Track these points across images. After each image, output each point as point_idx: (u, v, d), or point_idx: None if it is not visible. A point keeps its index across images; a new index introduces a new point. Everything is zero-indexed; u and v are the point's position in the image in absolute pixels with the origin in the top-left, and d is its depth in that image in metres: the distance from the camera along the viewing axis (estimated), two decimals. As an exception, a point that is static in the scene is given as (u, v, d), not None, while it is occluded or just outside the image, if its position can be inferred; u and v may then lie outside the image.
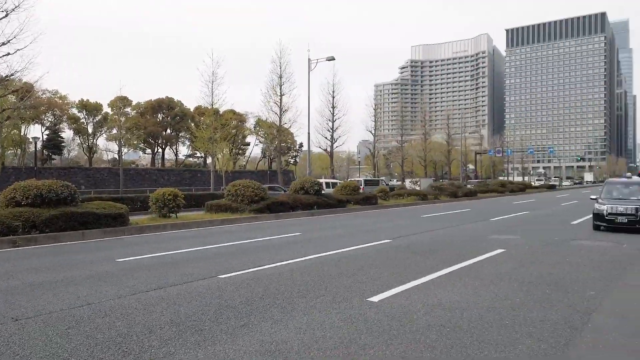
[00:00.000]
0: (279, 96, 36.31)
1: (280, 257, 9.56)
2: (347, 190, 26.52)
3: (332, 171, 45.26)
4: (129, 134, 59.02)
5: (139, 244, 11.85)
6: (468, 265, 8.58)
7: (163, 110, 70.20)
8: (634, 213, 13.38)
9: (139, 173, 57.68)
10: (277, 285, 7.00)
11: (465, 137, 74.31)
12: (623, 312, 5.61)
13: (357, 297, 6.26)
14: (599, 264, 8.74)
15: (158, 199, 17.13)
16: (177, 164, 75.14)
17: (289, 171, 76.36)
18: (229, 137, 48.30)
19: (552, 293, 6.49)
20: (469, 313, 5.51)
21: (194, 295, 6.40)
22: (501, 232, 13.98)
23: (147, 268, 8.42)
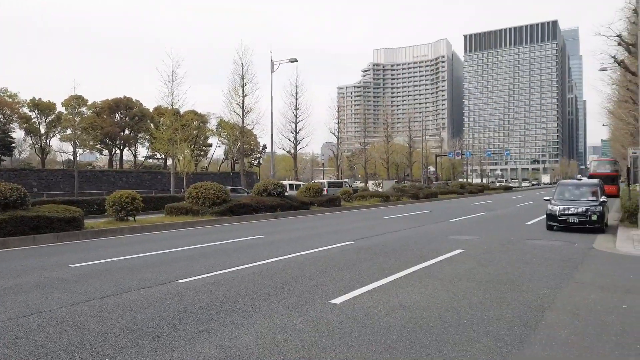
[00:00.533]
0: (242, 97, 35.96)
1: (242, 260, 9.44)
2: (310, 192, 26.53)
3: (296, 173, 45.17)
4: (85, 135, 57.01)
5: (95, 249, 11.43)
6: (428, 266, 8.73)
7: (121, 110, 68.19)
8: (585, 213, 13.98)
9: (96, 175, 55.76)
10: (239, 289, 6.90)
11: (426, 139, 75.83)
12: (574, 309, 5.83)
13: (320, 299, 6.25)
14: (552, 263, 9.07)
15: (115, 201, 16.60)
16: (136, 166, 73.15)
17: (253, 173, 75.73)
18: (190, 138, 47.34)
19: (508, 292, 6.68)
20: (428, 313, 5.60)
21: (152, 300, 6.22)
22: (460, 233, 14.31)
23: (102, 274, 8.13)
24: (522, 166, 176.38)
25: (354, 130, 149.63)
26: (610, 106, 40.75)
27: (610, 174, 38.63)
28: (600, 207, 14.08)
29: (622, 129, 39.37)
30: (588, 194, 14.99)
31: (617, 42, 17.90)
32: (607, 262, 9.31)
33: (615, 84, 33.63)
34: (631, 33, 22.05)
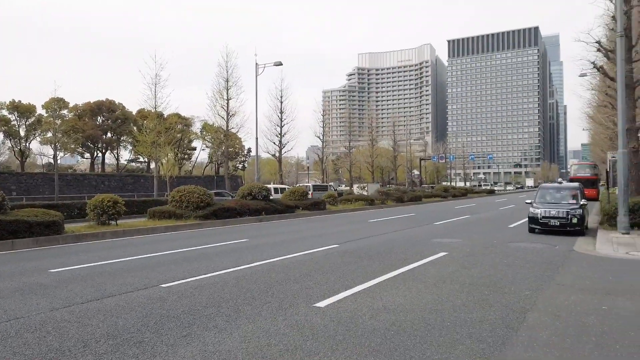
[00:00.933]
0: (226, 100, 35.82)
1: (226, 264, 9.37)
2: (295, 195, 26.49)
3: (281, 177, 45.08)
4: (66, 138, 56.10)
5: (75, 254, 11.24)
6: (412, 269, 8.77)
7: (103, 112, 67.31)
8: (565, 216, 14.20)
9: (77, 179, 54.90)
10: (222, 293, 6.84)
11: (411, 143, 76.37)
12: (555, 310, 5.91)
13: (304, 302, 6.23)
14: (533, 265, 9.19)
15: (97, 205, 16.36)
16: (118, 169, 72.24)
17: (237, 177, 75.35)
18: (174, 141, 46.98)
19: (491, 294, 6.74)
20: (412, 315, 5.62)
21: (134, 305, 6.13)
22: (444, 236, 14.42)
23: (83, 278, 7.99)
24: (504, 170, 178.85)
25: (339, 133, 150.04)
26: (590, 111, 41.62)
27: (590, 177, 39.33)
28: (581, 210, 14.33)
29: (601, 133, 40.20)
30: (569, 197, 15.24)
31: (597, 49, 18.26)
32: (587, 264, 9.46)
33: (594, 89, 34.36)
34: (610, 39, 22.54)
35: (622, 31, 13.98)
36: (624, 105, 14.02)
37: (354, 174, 62.30)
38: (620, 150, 13.83)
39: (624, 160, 13.76)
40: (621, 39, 13.93)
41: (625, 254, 10.52)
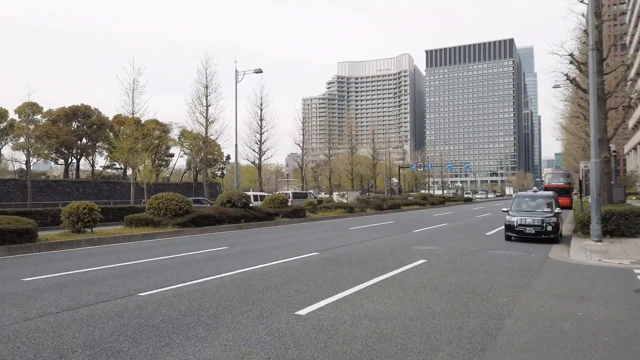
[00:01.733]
0: (205, 107, 35.58)
1: (205, 272, 9.27)
2: (275, 203, 26.39)
3: (260, 184, 44.88)
4: (39, 143, 54.83)
5: (49, 262, 10.97)
6: (393, 276, 8.83)
7: (78, 118, 66.04)
8: (541, 224, 14.50)
9: (50, 185, 53.63)
10: (202, 301, 6.76)
11: (390, 151, 77.02)
12: (532, 316, 6.02)
13: (285, 310, 6.20)
14: (510, 272, 9.35)
15: (71, 212, 16.01)
16: (93, 176, 70.85)
17: (216, 184, 74.69)
18: (152, 147, 46.32)
19: (470, 301, 6.83)
20: (393, 323, 5.65)
21: (111, 315, 6.01)
22: (423, 243, 14.56)
23: (57, 287, 7.80)
24: (481, 178, 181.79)
25: (319, 141, 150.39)
26: (563, 121, 42.74)
27: (563, 186, 40.24)
28: (555, 218, 14.65)
29: (574, 143, 41.30)
30: (543, 206, 15.58)
31: (570, 61, 18.81)
32: (562, 271, 9.67)
33: (568, 100, 35.33)
34: (582, 52, 23.26)
35: (594, 44, 14.44)
36: (596, 116, 14.44)
37: (333, 181, 62.43)
38: (593, 160, 14.21)
39: (596, 170, 14.14)
40: (593, 52, 14.38)
41: (598, 261, 10.79)
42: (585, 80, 18.54)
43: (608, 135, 17.47)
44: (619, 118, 22.04)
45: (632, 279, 8.63)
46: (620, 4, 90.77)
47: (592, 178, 14.17)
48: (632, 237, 14.49)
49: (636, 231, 14.70)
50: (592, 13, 14.84)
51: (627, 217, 14.81)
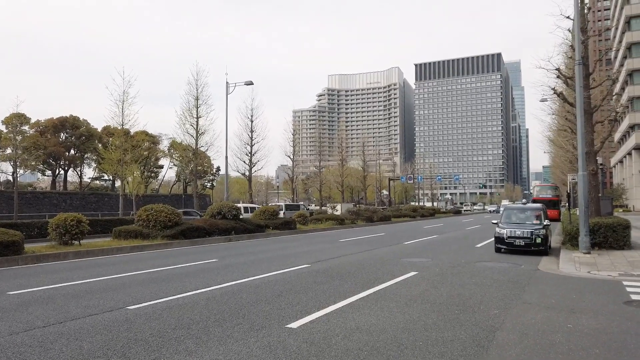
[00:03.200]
0: (196, 118, 35.49)
1: (195, 285, 9.18)
2: (266, 215, 26.30)
3: (251, 196, 44.73)
4: (26, 154, 54.24)
5: (36, 275, 10.79)
6: (384, 288, 8.81)
7: (67, 129, 65.51)
8: (530, 236, 14.60)
9: (37, 197, 52.96)
10: (192, 314, 6.69)
11: (380, 163, 77.30)
12: (523, 329, 6.03)
13: (276, 323, 6.15)
14: (500, 284, 9.38)
15: (59, 224, 15.79)
16: (81, 187, 70.13)
17: (206, 195, 74.31)
18: (141, 159, 46.05)
19: (461, 313, 6.83)
20: (385, 335, 5.63)
21: (99, 328, 5.91)
22: (414, 255, 14.57)
23: (44, 301, 7.67)
24: (470, 191, 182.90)
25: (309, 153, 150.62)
26: (550, 134, 43.30)
27: (552, 198, 40.64)
28: (544, 231, 14.76)
29: (562, 156, 41.78)
30: (533, 218, 15.69)
31: (556, 75, 19.12)
32: (551, 283, 9.72)
33: (555, 113, 35.84)
34: (568, 67, 23.68)
35: (580, 59, 14.70)
36: (583, 129, 14.65)
37: (324, 193, 62.42)
38: (581, 172, 14.38)
39: (584, 182, 14.30)
40: (579, 67, 14.64)
41: (587, 273, 10.87)
42: (572, 94, 18.83)
43: (595, 149, 17.70)
44: (606, 131, 22.40)
45: (621, 291, 8.70)
46: (605, 20, 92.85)
47: (580, 190, 14.32)
48: (620, 249, 14.63)
49: (624, 243, 14.85)
50: (578, 29, 15.12)
51: (615, 230, 14.96)
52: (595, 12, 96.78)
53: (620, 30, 56.79)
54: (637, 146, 50.04)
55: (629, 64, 52.05)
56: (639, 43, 51.53)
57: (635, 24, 52.03)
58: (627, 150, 55.87)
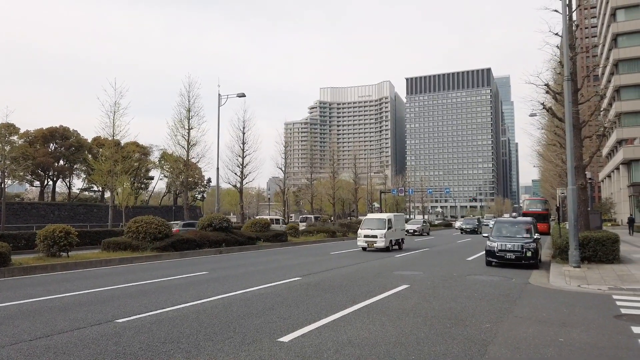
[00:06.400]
0: (187, 130, 35.39)
1: (185, 298, 9.08)
2: (257, 227, 26.18)
3: (242, 207, 44.52)
4: (15, 165, 53.69)
5: (23, 287, 10.61)
6: (376, 302, 8.77)
7: (56, 140, 65.02)
8: (520, 250, 14.66)
9: (25, 208, 52.30)
10: (182, 328, 6.60)
11: (371, 176, 77.49)
12: (515, 342, 6.03)
13: (267, 337, 6.09)
14: (492, 298, 9.38)
15: (47, 236, 15.58)
16: (70, 198, 69.42)
17: (196, 207, 73.85)
18: (131, 170, 45.73)
19: (453, 326, 6.81)
20: (377, 349, 5.59)
21: (87, 342, 5.81)
22: (405, 268, 14.55)
23: (31, 314, 7.53)
24: (460, 204, 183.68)
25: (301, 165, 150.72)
26: (540, 149, 43.71)
27: (541, 212, 40.93)
28: (535, 244, 14.84)
29: (551, 170, 42.20)
30: (523, 231, 15.78)
31: (546, 91, 19.38)
32: (542, 296, 9.75)
33: (544, 128, 36.24)
34: (557, 83, 24.03)
35: (569, 75, 14.94)
36: (572, 144, 14.83)
37: (315, 205, 62.36)
38: (570, 187, 14.52)
39: (573, 197, 14.43)
40: (568, 83, 14.86)
41: (577, 287, 10.92)
42: (561, 109, 19.09)
43: (584, 163, 17.91)
44: (594, 146, 22.69)
45: (611, 305, 8.74)
46: (593, 37, 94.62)
47: (570, 204, 14.44)
48: (609, 263, 14.73)
49: (613, 257, 14.95)
50: (567, 45, 15.40)
51: (604, 244, 15.07)
52: (583, 29, 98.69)
53: (607, 47, 57.87)
54: (624, 161, 50.68)
55: (616, 80, 52.93)
56: (626, 60, 52.46)
57: (622, 41, 53.02)
58: (614, 165, 56.57)
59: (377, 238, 21.39)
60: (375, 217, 23.53)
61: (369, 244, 21.67)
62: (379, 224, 21.98)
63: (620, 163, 52.50)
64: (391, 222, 22.25)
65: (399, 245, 23.29)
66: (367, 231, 21.94)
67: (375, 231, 21.64)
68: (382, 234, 21.40)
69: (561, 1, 15.34)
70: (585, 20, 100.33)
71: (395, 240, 22.68)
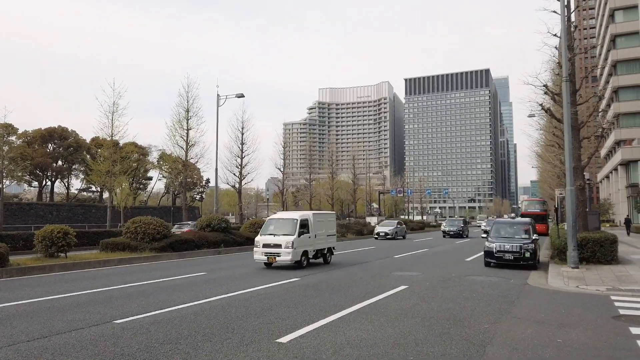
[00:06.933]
0: (186, 130, 35.38)
1: (183, 298, 9.07)
2: (255, 227, 26.13)
3: (240, 208, 44.51)
4: (13, 165, 53.60)
5: (20, 288, 10.59)
6: (374, 302, 8.77)
7: (55, 140, 64.93)
8: (519, 250, 14.67)
9: (23, 208, 52.18)
10: (180, 329, 6.59)
11: (370, 177, 77.56)
12: (513, 343, 6.03)
13: (266, 338, 6.08)
14: (490, 298, 9.38)
15: (45, 236, 15.57)
16: (68, 199, 69.32)
17: (195, 207, 73.80)
18: (130, 170, 45.63)
19: (451, 327, 6.81)
20: (375, 350, 5.58)
21: (85, 343, 5.80)
22: (404, 269, 14.55)
23: (29, 314, 7.52)
24: (459, 204, 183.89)
25: (300, 166, 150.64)
26: (538, 150, 43.79)
27: (540, 213, 40.95)
28: (533, 245, 14.85)
29: (549, 171, 42.25)
30: (521, 232, 15.78)
31: (544, 92, 19.41)
32: (540, 297, 9.75)
33: (542, 129, 36.29)
34: (555, 83, 24.07)
35: (567, 76, 14.95)
36: (570, 145, 14.84)
37: (314, 206, 62.38)
38: (568, 187, 14.53)
39: (572, 197, 14.44)
40: (566, 84, 14.88)
41: (575, 287, 10.93)
42: (559, 110, 19.11)
43: (582, 164, 17.93)
44: (592, 147, 22.75)
45: (609, 306, 8.75)
46: (591, 38, 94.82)
47: (568, 205, 14.45)
48: (607, 264, 14.75)
49: (611, 258, 14.97)
50: (565, 46, 15.43)
51: (602, 244, 15.09)
52: (581, 30, 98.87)
53: (605, 48, 58.00)
54: (622, 162, 50.78)
55: (615, 81, 53.05)
56: (624, 61, 52.58)
57: (620, 43, 53.15)
58: (613, 165, 56.69)
59: (282, 249, 14.56)
60: (283, 217, 16.43)
61: (269, 257, 14.74)
62: (286, 228, 15.20)
63: (619, 164, 52.60)
64: (307, 224, 15.64)
65: (325, 259, 16.76)
66: (268, 238, 15.00)
67: (279, 238, 14.80)
68: (289, 243, 14.52)
69: (560, 2, 15.37)
70: (584, 22, 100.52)
71: (316, 252, 16.04)
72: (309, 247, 15.47)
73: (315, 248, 15.97)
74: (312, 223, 15.78)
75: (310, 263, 15.63)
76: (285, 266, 15.15)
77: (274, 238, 14.88)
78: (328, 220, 17.65)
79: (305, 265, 15.07)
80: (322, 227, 16.61)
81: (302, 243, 15.03)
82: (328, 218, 17.85)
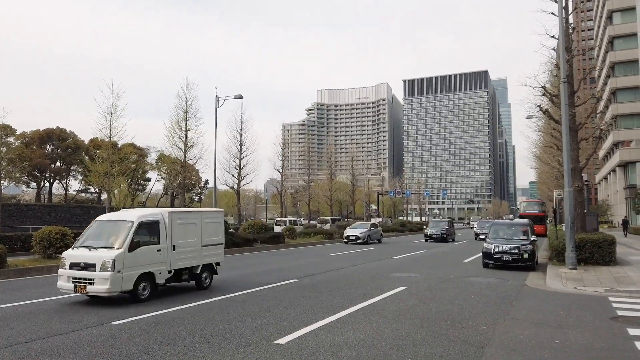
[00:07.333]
0: (184, 131, 35.29)
1: (181, 299, 9.06)
2: (254, 228, 26.16)
3: (239, 209, 44.47)
4: (11, 166, 53.50)
5: (19, 289, 10.57)
6: (372, 303, 8.77)
7: (53, 141, 64.84)
8: (517, 252, 14.68)
9: (21, 209, 52.02)
10: (178, 330, 6.58)
11: (368, 178, 77.57)
12: (511, 344, 6.03)
13: (264, 339, 6.08)
14: (488, 300, 9.39)
15: (43, 238, 15.53)
16: (66, 200, 69.23)
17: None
18: (128, 171, 45.57)
19: (450, 328, 6.82)
20: (374, 351, 5.58)
21: (83, 344, 5.79)
22: (402, 270, 14.55)
23: (26, 316, 7.50)
24: (458, 206, 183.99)
25: (298, 167, 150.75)
26: (537, 151, 43.84)
27: (538, 214, 40.98)
28: (531, 246, 14.86)
29: (548, 172, 42.29)
30: (520, 233, 15.79)
31: (542, 93, 19.45)
32: (538, 298, 9.76)
33: (541, 130, 36.31)
34: (554, 85, 24.09)
35: (565, 78, 14.98)
36: (568, 146, 14.86)
37: (312, 207, 62.39)
38: (567, 189, 14.55)
39: (570, 199, 14.45)
40: (564, 85, 14.91)
41: (573, 288, 10.93)
42: (558, 111, 19.14)
43: (580, 165, 17.95)
44: (590, 148, 22.76)
45: (607, 307, 8.76)
46: (589, 40, 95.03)
47: (566, 207, 14.46)
48: (606, 265, 14.76)
49: (609, 259, 14.98)
50: (563, 48, 15.45)
51: (601, 246, 15.10)
52: (579, 32, 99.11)
53: (603, 49, 58.11)
54: (621, 163, 50.88)
55: (613, 82, 53.14)
56: (622, 62, 52.67)
57: (618, 44, 53.28)
58: (611, 167, 56.79)
59: (96, 271, 8.52)
60: (112, 218, 10.21)
61: (77, 285, 8.59)
62: (112, 236, 9.25)
63: (617, 165, 52.70)
64: (157, 229, 9.67)
65: (198, 281, 10.69)
66: (80, 254, 8.93)
67: (95, 254, 8.80)
68: (108, 262, 8.52)
69: (558, 4, 15.40)
70: (582, 23, 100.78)
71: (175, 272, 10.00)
72: (157, 267, 9.45)
73: (174, 267, 9.91)
74: (167, 227, 9.84)
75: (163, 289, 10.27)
76: (285, 268, 15.14)
77: (89, 253, 8.89)
78: (206, 222, 11.19)
79: (145, 296, 9.07)
80: (190, 234, 10.53)
81: (139, 260, 9.04)
82: (205, 219, 11.25)
